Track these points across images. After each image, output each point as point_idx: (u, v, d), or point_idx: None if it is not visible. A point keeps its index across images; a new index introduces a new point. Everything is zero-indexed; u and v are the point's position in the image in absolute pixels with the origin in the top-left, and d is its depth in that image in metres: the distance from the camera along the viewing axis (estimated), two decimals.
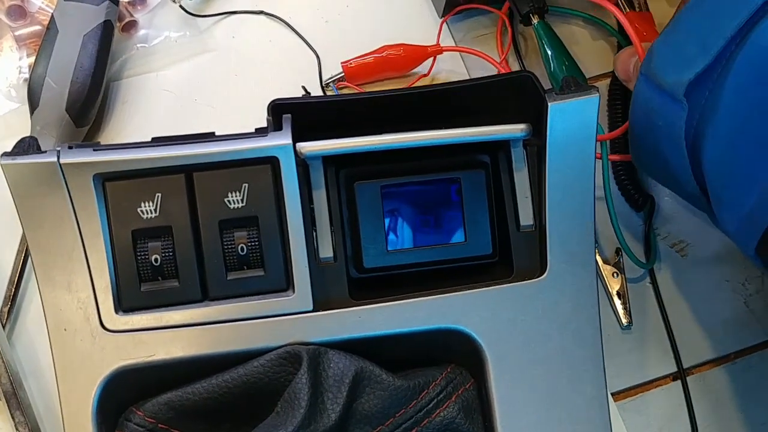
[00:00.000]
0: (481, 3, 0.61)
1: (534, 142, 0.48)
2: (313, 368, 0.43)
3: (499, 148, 0.49)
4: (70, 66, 0.54)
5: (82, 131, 0.56)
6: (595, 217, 0.47)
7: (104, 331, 0.44)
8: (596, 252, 0.57)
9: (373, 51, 0.59)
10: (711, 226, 0.59)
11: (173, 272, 0.45)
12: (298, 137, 0.46)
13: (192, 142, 0.45)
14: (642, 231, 0.59)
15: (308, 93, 0.59)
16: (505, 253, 0.49)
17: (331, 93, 0.60)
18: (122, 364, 0.44)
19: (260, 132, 0.46)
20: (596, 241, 0.57)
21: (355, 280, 0.48)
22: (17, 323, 0.53)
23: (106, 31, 0.56)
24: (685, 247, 0.59)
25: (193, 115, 0.59)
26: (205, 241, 0.45)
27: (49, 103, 0.53)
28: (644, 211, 0.59)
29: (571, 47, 0.61)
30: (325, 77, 0.60)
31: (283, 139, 0.45)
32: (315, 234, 0.47)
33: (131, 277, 0.45)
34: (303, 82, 0.60)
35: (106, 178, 0.44)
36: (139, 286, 0.45)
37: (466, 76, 0.62)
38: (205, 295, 0.45)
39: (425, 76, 0.61)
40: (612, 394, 0.55)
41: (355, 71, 0.59)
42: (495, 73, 0.60)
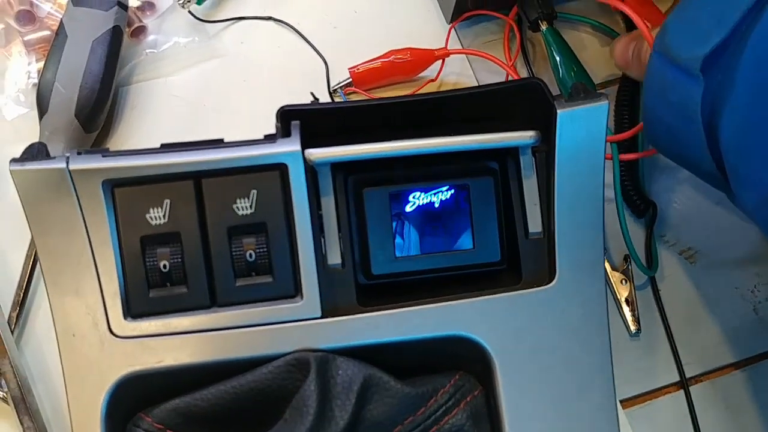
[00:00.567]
0: (489, 9, 0.61)
1: (543, 149, 0.48)
2: (321, 375, 0.43)
3: (507, 154, 0.49)
4: (79, 71, 0.54)
5: (91, 136, 0.56)
6: (605, 224, 0.47)
7: (113, 337, 0.44)
8: (605, 259, 0.57)
9: (380, 56, 0.59)
10: (720, 233, 0.59)
11: (182, 278, 0.45)
12: (306, 144, 0.46)
13: (201, 149, 0.45)
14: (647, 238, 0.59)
15: (316, 99, 0.59)
16: (514, 261, 0.49)
17: (339, 99, 0.60)
18: (131, 370, 0.44)
19: (269, 138, 0.46)
20: (605, 248, 0.57)
21: (363, 286, 0.48)
22: (26, 328, 0.53)
23: (115, 37, 0.56)
24: (694, 254, 0.59)
25: (202, 121, 0.59)
26: (214, 248, 0.45)
27: (58, 109, 0.54)
28: (646, 218, 0.59)
29: (580, 53, 0.61)
30: (333, 83, 0.60)
31: (292, 146, 0.45)
32: (323, 240, 0.47)
33: (140, 283, 0.45)
34: (311, 88, 0.60)
35: (115, 185, 0.44)
36: (148, 292, 0.45)
37: (474, 80, 0.62)
38: (214, 302, 0.45)
39: (433, 81, 0.61)
40: (620, 402, 0.55)
41: (362, 76, 0.59)
42: (503, 80, 0.60)
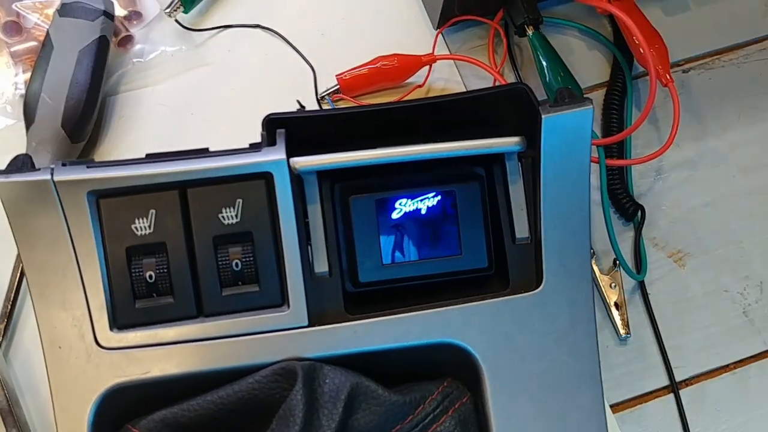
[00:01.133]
0: (476, 14, 0.61)
1: (529, 154, 0.48)
2: (308, 384, 0.43)
3: (494, 160, 0.49)
4: (66, 82, 0.54)
5: (78, 147, 0.56)
6: (592, 228, 0.47)
7: (99, 349, 0.44)
8: (594, 263, 0.57)
9: (367, 62, 0.59)
10: (709, 236, 0.59)
11: (168, 289, 0.45)
12: (293, 152, 0.46)
13: (186, 158, 0.45)
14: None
15: (303, 107, 0.59)
16: (501, 266, 0.49)
17: (327, 106, 0.60)
18: (117, 381, 0.44)
19: (254, 147, 0.46)
20: (594, 252, 0.57)
21: (351, 294, 0.48)
22: (14, 340, 0.53)
23: (102, 47, 0.56)
24: (683, 257, 0.59)
25: (190, 130, 0.59)
26: (200, 258, 0.45)
27: (45, 119, 0.53)
28: (635, 221, 0.59)
29: (567, 58, 0.61)
30: (321, 90, 0.60)
31: (277, 155, 0.45)
32: (310, 248, 0.47)
33: (126, 294, 0.45)
34: (299, 95, 0.60)
35: (100, 195, 0.44)
36: (134, 303, 0.45)
37: (462, 86, 0.62)
38: (200, 312, 0.45)
39: (420, 86, 0.61)
40: (610, 406, 0.55)
41: (350, 83, 0.59)
42: (490, 85, 0.60)
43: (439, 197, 0.49)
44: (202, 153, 0.46)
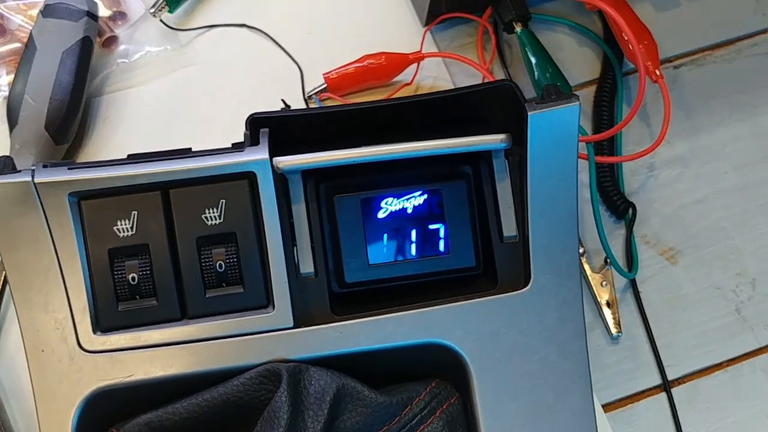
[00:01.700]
0: (463, 11, 0.61)
1: (516, 152, 0.48)
2: (293, 386, 0.43)
3: (480, 158, 0.49)
4: (49, 83, 0.54)
5: (62, 149, 0.55)
6: (582, 226, 0.47)
7: (82, 352, 0.43)
8: (585, 261, 0.56)
9: (355, 61, 0.59)
10: (701, 233, 0.59)
11: (151, 291, 0.44)
12: (278, 151, 0.45)
13: (168, 159, 0.44)
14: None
15: (288, 106, 0.58)
16: (489, 265, 0.48)
17: (314, 105, 0.59)
18: (101, 384, 0.43)
19: (237, 147, 0.46)
20: (585, 250, 0.57)
21: (337, 295, 0.47)
22: None
23: (85, 47, 0.56)
24: (674, 255, 0.59)
25: (176, 130, 0.59)
26: (183, 259, 0.44)
27: (28, 121, 0.53)
28: (626, 219, 0.58)
29: (556, 55, 0.60)
30: (308, 89, 0.60)
31: (260, 154, 0.45)
32: (295, 249, 0.47)
33: (108, 296, 0.44)
34: (285, 95, 0.59)
35: (82, 197, 0.44)
36: (117, 306, 0.44)
37: (451, 84, 0.62)
38: (184, 314, 0.45)
39: (408, 84, 0.60)
40: (602, 406, 0.54)
41: (337, 82, 0.59)
42: (477, 83, 0.60)
43: (426, 196, 0.48)
44: (185, 153, 0.45)
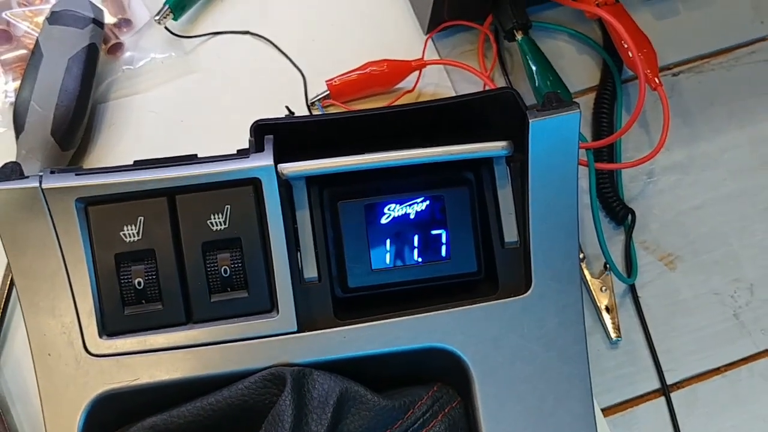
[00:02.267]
0: (465, 19, 0.61)
1: (517, 159, 0.48)
2: (297, 390, 0.43)
3: (482, 165, 0.49)
4: (55, 89, 0.54)
5: (68, 154, 0.56)
6: (582, 231, 0.47)
7: (88, 356, 0.44)
8: (584, 266, 0.57)
9: (357, 68, 0.59)
10: (699, 239, 0.59)
11: (157, 295, 0.45)
12: (282, 158, 0.46)
13: (174, 165, 0.45)
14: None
15: (292, 113, 0.59)
16: (490, 270, 0.49)
17: (317, 111, 0.60)
18: (106, 388, 0.44)
19: (242, 153, 0.46)
20: (585, 255, 0.57)
21: (340, 299, 0.48)
22: (4, 348, 0.53)
23: (91, 54, 0.56)
24: (673, 260, 0.59)
25: (180, 137, 0.59)
26: (189, 264, 0.45)
27: (34, 127, 0.54)
28: (625, 225, 0.59)
29: (557, 62, 0.61)
30: (311, 96, 0.60)
31: (265, 161, 0.45)
32: (299, 254, 0.47)
33: (115, 301, 0.45)
34: (289, 101, 0.60)
35: (89, 203, 0.44)
36: (123, 310, 0.45)
37: (452, 91, 0.62)
38: (189, 318, 0.45)
39: (410, 92, 0.61)
40: (602, 410, 0.55)
41: (339, 89, 0.59)
42: (479, 90, 0.60)
43: (428, 202, 0.49)
44: (191, 159, 0.46)
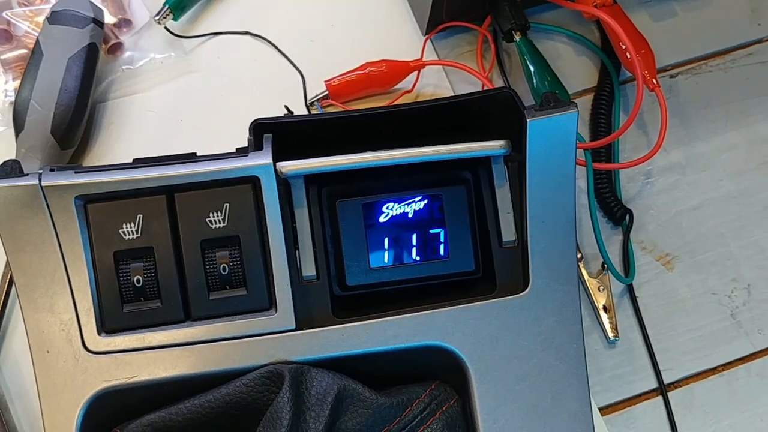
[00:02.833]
0: (464, 20, 0.62)
1: (515, 158, 0.49)
2: (295, 387, 0.43)
3: (480, 164, 0.50)
4: (55, 88, 0.54)
5: (68, 153, 0.56)
6: (580, 231, 0.48)
7: (87, 353, 0.44)
8: (582, 266, 0.57)
9: (356, 68, 0.60)
10: (697, 240, 0.59)
11: (155, 293, 0.45)
12: (281, 157, 0.46)
13: (173, 163, 0.45)
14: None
15: (291, 112, 0.59)
16: (488, 269, 0.49)
17: (316, 111, 0.60)
18: (105, 385, 0.44)
19: (241, 152, 0.46)
20: (582, 255, 0.58)
21: (339, 297, 0.48)
22: (3, 346, 0.53)
23: (91, 54, 0.56)
24: (671, 260, 0.59)
25: (179, 136, 0.59)
26: (187, 262, 0.45)
27: (34, 126, 0.54)
28: (623, 225, 0.59)
29: (555, 63, 0.61)
30: (310, 96, 0.61)
31: (263, 159, 0.45)
32: (298, 252, 0.47)
33: (113, 298, 0.45)
34: (288, 101, 0.60)
35: (88, 200, 0.45)
36: (122, 308, 0.45)
37: (451, 91, 0.62)
38: (188, 316, 0.45)
39: (409, 92, 0.61)
40: (599, 409, 0.55)
41: (338, 89, 0.59)
42: (477, 90, 0.61)
43: (426, 201, 0.49)
44: (190, 158, 0.46)
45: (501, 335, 0.46)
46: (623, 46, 0.58)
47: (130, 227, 0.45)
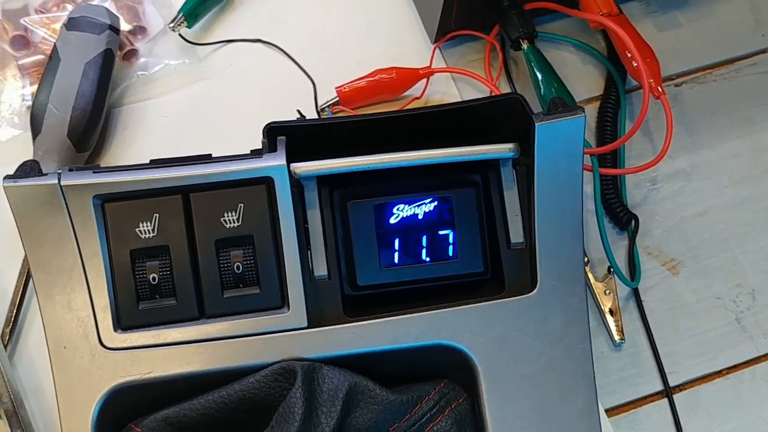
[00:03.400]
0: (472, 29, 0.63)
1: (523, 162, 0.50)
2: (307, 383, 0.44)
3: (489, 167, 0.50)
4: (72, 93, 0.55)
5: (83, 156, 0.57)
6: (586, 236, 0.48)
7: (103, 349, 0.45)
8: (588, 270, 0.58)
9: (366, 75, 0.61)
10: (702, 245, 0.60)
11: (171, 291, 0.46)
12: (294, 160, 0.47)
13: (189, 164, 0.46)
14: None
15: (303, 116, 0.60)
16: (497, 270, 0.50)
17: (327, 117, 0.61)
18: (120, 381, 0.45)
19: (255, 153, 0.47)
20: (589, 259, 0.58)
21: (349, 297, 0.49)
22: (18, 344, 0.54)
23: (107, 60, 0.58)
24: (676, 265, 0.60)
25: (192, 140, 0.60)
26: (202, 260, 0.46)
27: (51, 129, 0.55)
28: (629, 230, 0.60)
29: (561, 72, 0.62)
30: (321, 102, 0.62)
31: (278, 160, 0.46)
32: (310, 252, 0.48)
33: (130, 295, 0.46)
34: (299, 108, 0.61)
35: (106, 200, 0.46)
36: (137, 305, 0.46)
37: (459, 98, 0.63)
38: (202, 313, 0.46)
39: (418, 98, 0.62)
40: (605, 410, 0.55)
41: (349, 95, 0.61)
42: (486, 96, 0.62)
43: (436, 203, 0.50)
44: (205, 159, 0.47)
45: (509, 335, 0.47)
46: (629, 55, 0.59)
47: (147, 226, 0.46)
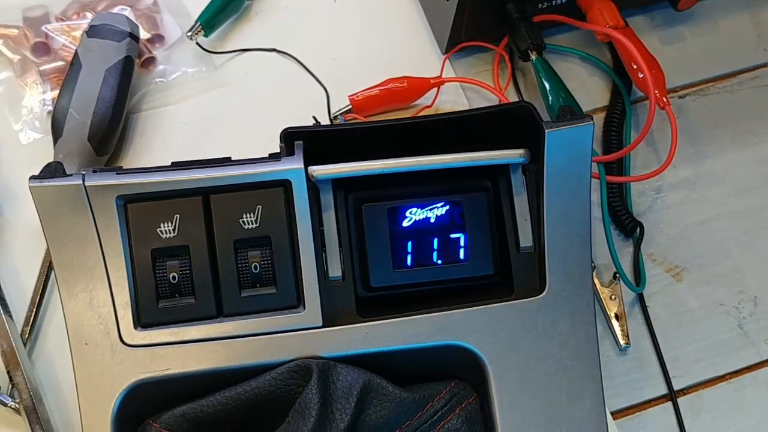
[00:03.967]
0: (481, 40, 0.64)
1: (532, 168, 0.51)
2: (322, 380, 0.45)
3: (499, 173, 0.52)
4: (93, 98, 0.57)
5: (103, 159, 0.58)
6: (593, 242, 0.50)
7: (123, 346, 0.46)
8: (595, 275, 0.59)
9: (379, 84, 0.62)
10: (705, 253, 0.61)
11: (190, 290, 0.47)
12: (310, 164, 0.48)
13: (209, 166, 0.48)
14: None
15: (318, 122, 0.61)
16: (506, 273, 0.51)
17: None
18: (140, 377, 0.46)
19: (274, 157, 0.49)
20: (595, 265, 0.60)
21: (363, 298, 0.50)
22: (38, 342, 0.55)
23: (127, 66, 0.59)
24: (680, 272, 0.61)
25: (208, 146, 0.62)
26: (221, 260, 0.47)
27: (72, 133, 0.56)
28: (634, 237, 0.61)
29: (568, 83, 0.63)
30: (334, 110, 0.63)
31: (296, 164, 0.48)
32: (325, 254, 0.49)
33: (150, 294, 0.47)
34: (312, 115, 0.62)
35: (128, 200, 0.47)
36: (157, 303, 0.47)
37: (468, 107, 0.65)
38: (220, 312, 0.47)
39: (428, 107, 0.64)
40: (611, 413, 0.56)
41: (361, 104, 0.62)
42: (496, 104, 0.63)
43: (448, 207, 0.51)
44: (225, 162, 0.48)
45: (519, 336, 0.48)
46: (635, 66, 0.60)
47: (168, 226, 0.47)
